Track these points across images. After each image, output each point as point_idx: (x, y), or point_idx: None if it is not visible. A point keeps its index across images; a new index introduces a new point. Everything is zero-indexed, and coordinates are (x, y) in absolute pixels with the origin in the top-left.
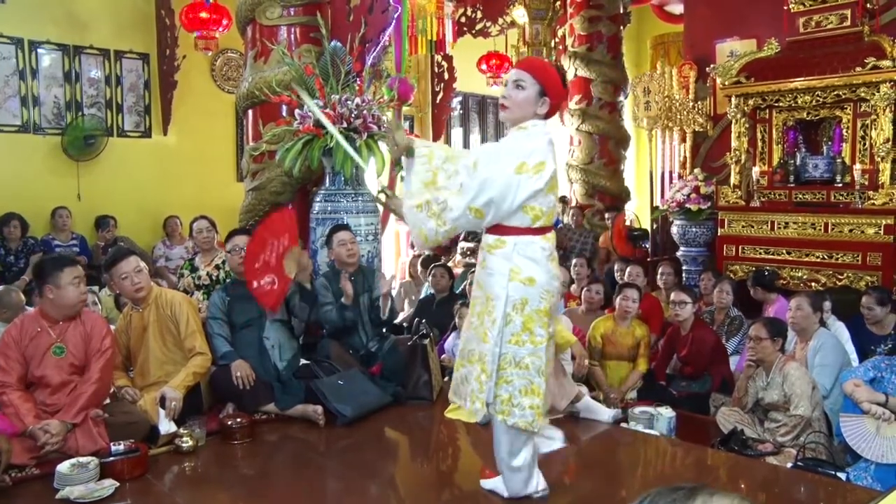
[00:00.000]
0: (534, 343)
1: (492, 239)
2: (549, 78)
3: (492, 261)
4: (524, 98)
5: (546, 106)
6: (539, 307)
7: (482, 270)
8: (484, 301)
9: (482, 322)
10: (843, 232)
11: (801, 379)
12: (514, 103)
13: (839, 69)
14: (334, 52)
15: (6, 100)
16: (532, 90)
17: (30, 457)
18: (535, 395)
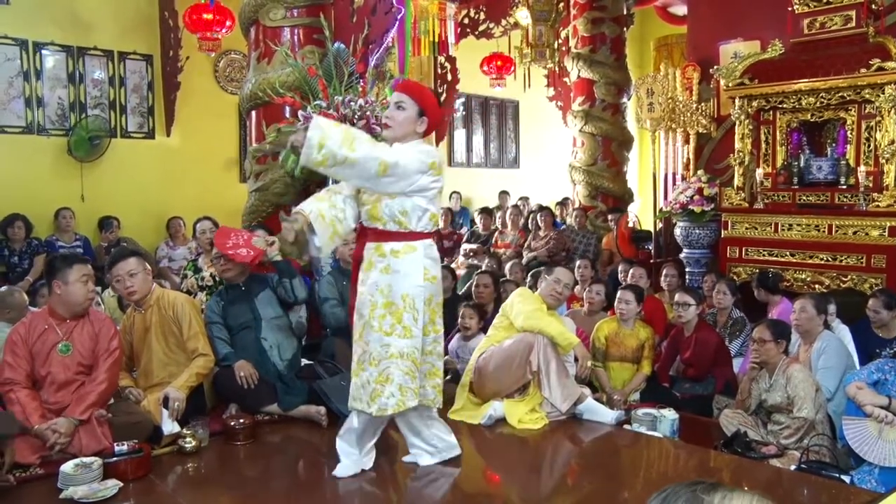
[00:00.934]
0: (436, 331)
1: (400, 245)
2: (426, 99)
3: (401, 264)
4: (405, 118)
5: (425, 125)
6: (439, 300)
7: (384, 275)
8: (395, 302)
9: (400, 321)
10: (848, 234)
11: (805, 381)
12: (396, 122)
13: (844, 71)
14: (337, 54)
15: (10, 101)
16: (412, 110)
17: (35, 456)
18: (435, 376)
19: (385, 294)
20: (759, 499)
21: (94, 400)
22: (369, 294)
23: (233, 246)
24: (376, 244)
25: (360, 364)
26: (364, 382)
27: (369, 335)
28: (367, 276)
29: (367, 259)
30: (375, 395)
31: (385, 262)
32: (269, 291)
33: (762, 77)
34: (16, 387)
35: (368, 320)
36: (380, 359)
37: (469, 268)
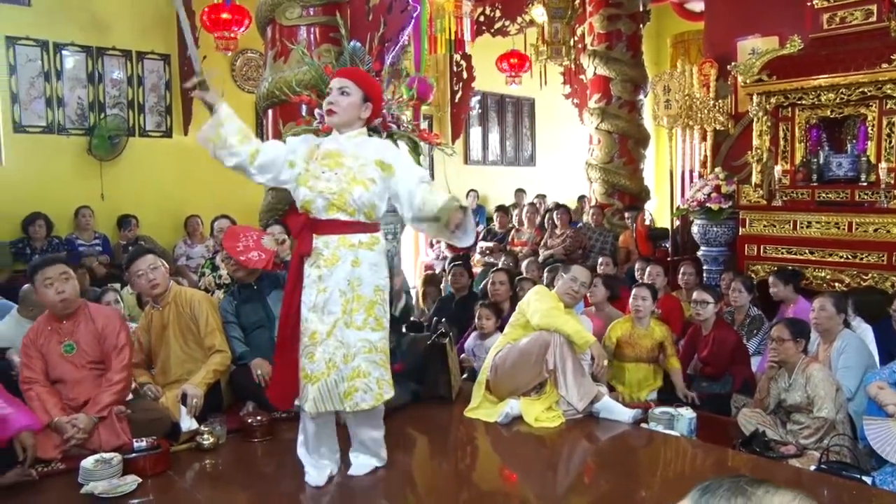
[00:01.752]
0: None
1: (366, 237)
2: (370, 85)
3: (373, 257)
4: (349, 103)
5: (369, 111)
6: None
7: (357, 269)
8: (367, 294)
9: (372, 313)
10: (868, 231)
11: (825, 381)
12: (341, 108)
13: (864, 66)
14: (353, 52)
15: (32, 101)
16: (356, 96)
17: (56, 451)
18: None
19: (354, 287)
20: (802, 498)
21: (112, 399)
22: (337, 289)
23: (243, 249)
24: (339, 237)
25: (330, 364)
26: (337, 381)
27: (345, 333)
28: (330, 272)
29: (326, 254)
30: (351, 391)
31: (352, 255)
32: (280, 290)
33: (780, 73)
34: (35, 385)
35: (341, 316)
36: (355, 354)
37: (485, 266)
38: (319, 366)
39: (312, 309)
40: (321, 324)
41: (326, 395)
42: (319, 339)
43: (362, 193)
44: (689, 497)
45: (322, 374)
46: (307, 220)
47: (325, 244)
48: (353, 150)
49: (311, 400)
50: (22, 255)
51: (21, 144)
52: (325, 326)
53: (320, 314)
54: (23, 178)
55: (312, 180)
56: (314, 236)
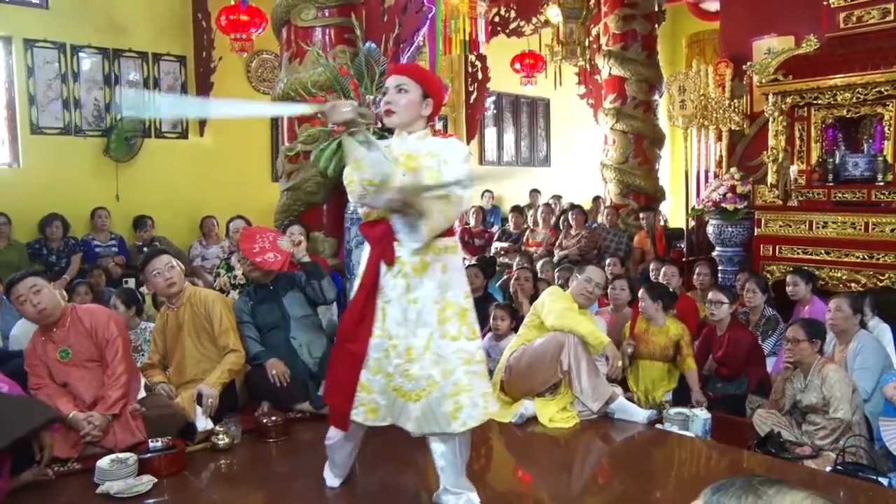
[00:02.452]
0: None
1: (451, 241)
2: (429, 80)
3: (458, 261)
4: (408, 101)
5: (430, 107)
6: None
7: (444, 275)
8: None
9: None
10: (885, 232)
11: (841, 381)
12: (401, 107)
13: (881, 65)
14: (369, 53)
15: (49, 103)
16: (415, 93)
17: (73, 450)
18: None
19: (446, 295)
20: (815, 497)
21: (119, 394)
22: (431, 299)
23: (259, 251)
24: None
25: (431, 382)
26: (440, 398)
27: (443, 344)
28: (419, 280)
29: (413, 261)
30: (457, 409)
31: (442, 261)
32: (296, 290)
33: (797, 73)
34: (43, 388)
35: (437, 327)
36: (454, 369)
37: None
38: (419, 383)
39: (402, 323)
40: (415, 338)
41: (431, 416)
42: (416, 355)
43: None
44: (701, 496)
45: (423, 392)
46: (388, 228)
47: (410, 252)
48: (427, 150)
49: (415, 420)
50: (39, 255)
51: (38, 146)
52: (420, 340)
53: (413, 327)
54: (40, 179)
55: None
56: (396, 244)
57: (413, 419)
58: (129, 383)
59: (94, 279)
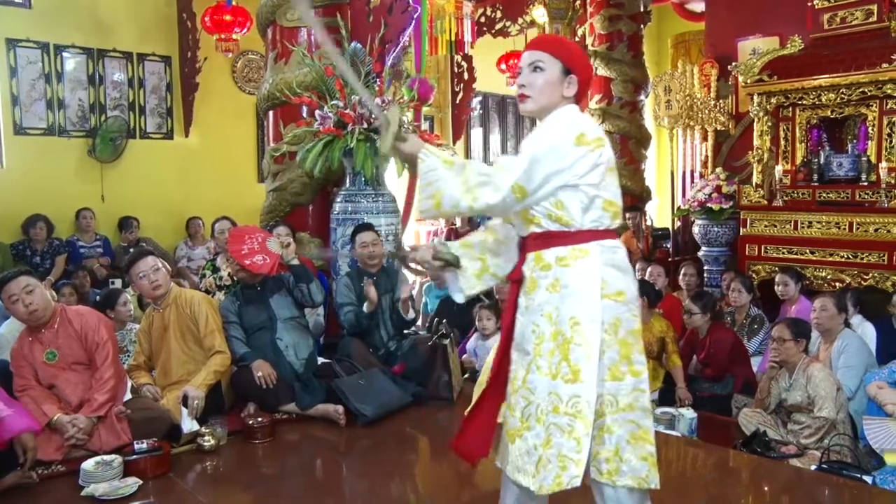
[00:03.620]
0: (634, 374)
1: (565, 250)
2: (571, 51)
3: (568, 277)
4: (546, 81)
5: (574, 85)
6: (632, 327)
7: (551, 294)
8: (554, 332)
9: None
10: (869, 231)
11: (826, 380)
12: (536, 89)
13: (865, 66)
14: (354, 53)
15: (33, 103)
16: (554, 69)
17: (57, 453)
18: (645, 442)
19: (553, 320)
20: None
21: (106, 398)
22: (532, 322)
23: (248, 253)
24: (536, 254)
25: (524, 421)
26: (531, 447)
27: (535, 380)
28: (531, 299)
29: (528, 277)
30: (542, 464)
31: (551, 277)
32: (284, 292)
33: (781, 73)
34: (28, 389)
35: (534, 358)
36: (546, 413)
37: None
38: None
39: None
40: (520, 367)
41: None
42: (517, 386)
43: None
44: None
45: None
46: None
47: (527, 266)
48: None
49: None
50: (23, 256)
51: (22, 146)
52: (522, 370)
53: (521, 353)
54: (23, 179)
55: None
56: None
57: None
58: (117, 387)
59: (78, 280)
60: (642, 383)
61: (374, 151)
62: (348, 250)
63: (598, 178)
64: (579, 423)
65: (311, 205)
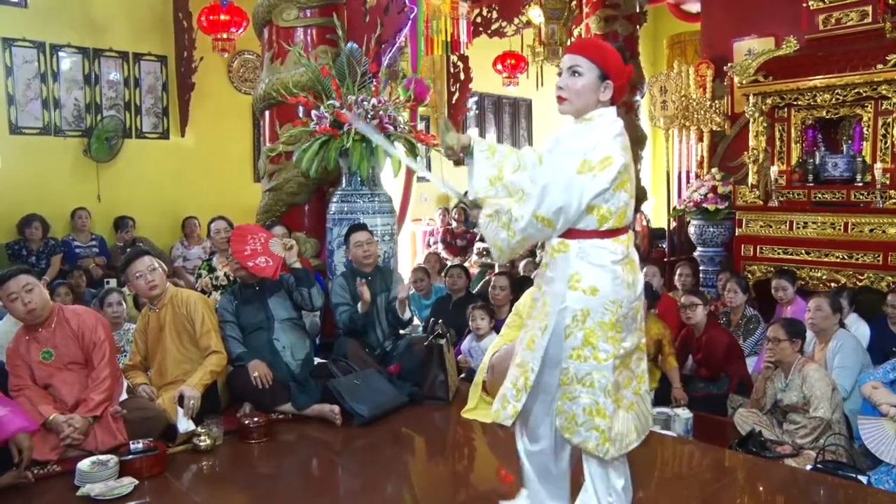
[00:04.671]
0: (597, 360)
1: (556, 242)
2: (608, 58)
3: (553, 265)
4: (583, 86)
5: (610, 90)
6: (602, 320)
7: (545, 273)
8: (540, 306)
9: (532, 327)
10: (864, 232)
11: (821, 380)
12: (573, 93)
13: (860, 67)
14: (350, 54)
15: (28, 103)
16: (591, 75)
17: (53, 453)
18: (600, 417)
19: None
20: None
21: (102, 398)
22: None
23: (251, 254)
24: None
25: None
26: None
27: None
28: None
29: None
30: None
31: (546, 259)
32: (283, 293)
33: (777, 74)
34: (24, 389)
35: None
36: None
37: (482, 266)
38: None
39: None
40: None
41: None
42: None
43: None
44: None
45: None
46: None
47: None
48: (564, 140)
49: None
50: (18, 256)
51: (17, 146)
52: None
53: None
54: (19, 179)
55: None
56: None
57: None
58: (113, 387)
59: (74, 280)
60: (605, 368)
61: (369, 151)
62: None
63: (606, 197)
64: (522, 380)
65: (307, 205)
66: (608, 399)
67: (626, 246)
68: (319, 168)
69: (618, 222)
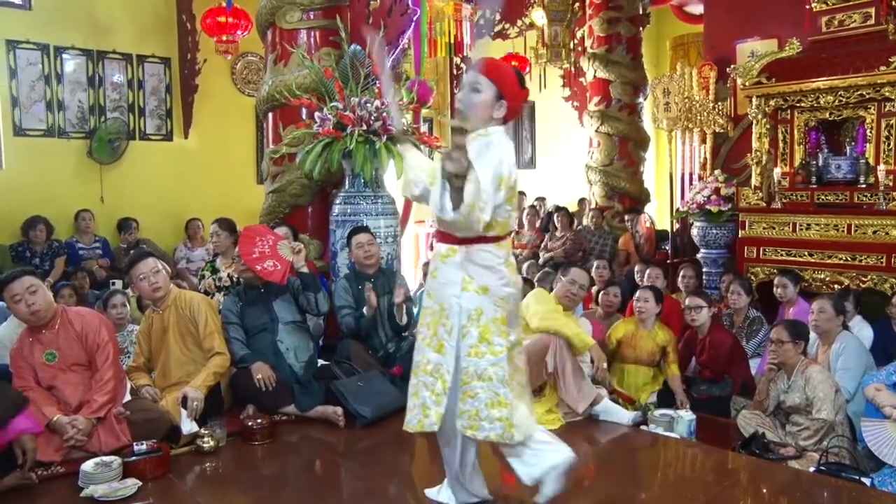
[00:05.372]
0: (493, 353)
1: (444, 248)
2: (505, 79)
3: (444, 270)
4: (480, 101)
5: (503, 109)
6: (495, 316)
7: (433, 280)
8: (437, 311)
9: (436, 332)
10: (867, 233)
11: (824, 382)
12: (470, 107)
13: (863, 68)
14: (354, 55)
15: (32, 104)
16: (488, 93)
17: (57, 454)
18: (502, 407)
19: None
20: None
21: (105, 399)
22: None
23: (259, 257)
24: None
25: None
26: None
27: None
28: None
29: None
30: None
31: (433, 266)
32: (288, 296)
33: (780, 76)
34: (28, 391)
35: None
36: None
37: None
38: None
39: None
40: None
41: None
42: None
43: None
44: None
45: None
46: None
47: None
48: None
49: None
50: (22, 258)
51: (21, 148)
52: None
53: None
54: (23, 181)
55: None
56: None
57: None
58: (116, 388)
59: (78, 282)
60: (501, 360)
61: (373, 153)
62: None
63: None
64: (439, 384)
65: (310, 206)
66: (507, 388)
67: (507, 250)
68: (322, 170)
69: (502, 230)
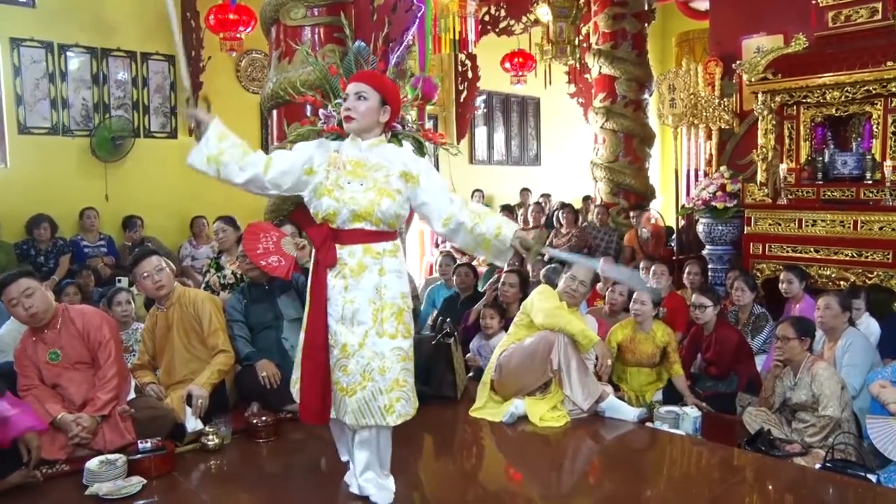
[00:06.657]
0: (411, 334)
1: (390, 245)
2: (387, 87)
3: (397, 264)
4: (367, 108)
5: (388, 114)
6: (409, 300)
7: (382, 277)
8: (391, 303)
9: (393, 324)
10: (874, 230)
11: (830, 379)
12: (359, 114)
13: (869, 64)
14: (358, 52)
15: (36, 102)
16: (374, 100)
17: (61, 452)
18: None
19: (382, 295)
20: None
21: (109, 396)
22: (367, 299)
23: (263, 253)
24: (364, 245)
25: (365, 377)
26: (372, 395)
27: (377, 342)
28: (356, 280)
29: (354, 263)
30: (393, 403)
31: (378, 263)
32: (293, 292)
33: (786, 71)
34: (33, 389)
35: (373, 326)
36: (391, 366)
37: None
38: (355, 377)
39: (340, 321)
40: (352, 335)
41: (367, 410)
42: (352, 351)
43: (390, 205)
44: None
45: (358, 387)
46: (330, 231)
47: (349, 254)
48: (377, 159)
49: (352, 413)
50: (27, 256)
51: (26, 146)
52: (355, 338)
53: (349, 325)
54: (27, 179)
55: (337, 191)
56: (337, 246)
57: (350, 412)
58: (120, 386)
59: (82, 280)
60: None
61: None
62: None
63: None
64: (408, 372)
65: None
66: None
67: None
68: None
69: None
